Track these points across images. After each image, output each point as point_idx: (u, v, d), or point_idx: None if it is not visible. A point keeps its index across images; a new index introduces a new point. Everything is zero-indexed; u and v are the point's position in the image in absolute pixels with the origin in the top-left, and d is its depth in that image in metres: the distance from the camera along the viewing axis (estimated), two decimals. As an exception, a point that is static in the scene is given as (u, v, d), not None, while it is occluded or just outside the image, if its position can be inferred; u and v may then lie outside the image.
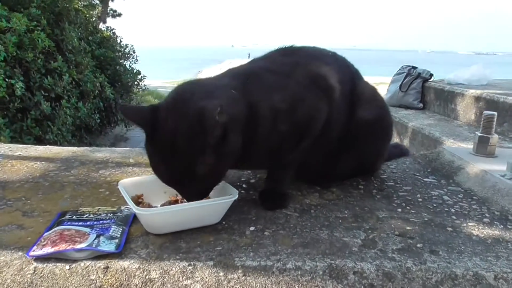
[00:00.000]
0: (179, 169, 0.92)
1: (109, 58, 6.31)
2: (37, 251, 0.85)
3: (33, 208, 1.10)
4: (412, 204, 1.20)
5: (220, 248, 0.91)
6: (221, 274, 0.83)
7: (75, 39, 4.88)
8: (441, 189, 1.32)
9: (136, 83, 7.12)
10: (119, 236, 0.92)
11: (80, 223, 0.97)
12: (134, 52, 7.31)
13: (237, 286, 0.82)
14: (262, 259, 0.87)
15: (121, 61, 6.86)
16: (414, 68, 4.05)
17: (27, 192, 1.20)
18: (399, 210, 1.15)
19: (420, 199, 1.24)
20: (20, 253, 0.87)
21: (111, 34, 7.05)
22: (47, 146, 1.69)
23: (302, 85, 1.13)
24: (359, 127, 1.24)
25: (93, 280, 0.82)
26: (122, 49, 7.11)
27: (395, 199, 1.24)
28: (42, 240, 0.89)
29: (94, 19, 7.77)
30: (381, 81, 6.99)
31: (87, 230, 0.93)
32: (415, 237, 0.99)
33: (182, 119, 0.92)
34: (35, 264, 0.84)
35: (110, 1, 8.66)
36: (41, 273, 0.82)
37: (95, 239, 0.89)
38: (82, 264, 0.84)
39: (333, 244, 0.95)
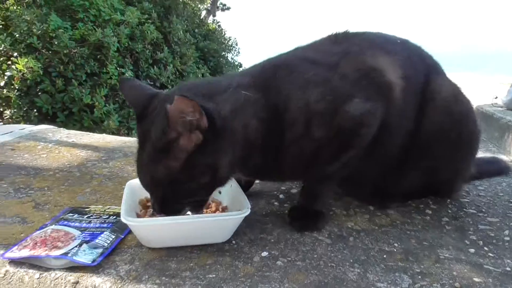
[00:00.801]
0: (145, 162, 0.80)
1: (213, 50, 6.45)
2: (14, 253, 0.77)
3: (48, 200, 1.04)
4: (493, 244, 0.89)
5: (213, 276, 0.74)
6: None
7: (181, 31, 5.06)
8: (543, 227, 0.98)
9: (237, 75, 7.20)
10: (106, 245, 0.81)
11: (76, 224, 0.88)
12: (236, 45, 7.39)
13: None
14: (256, 299, 0.68)
15: (223, 53, 6.98)
16: (544, 66, 3.36)
17: (54, 181, 1.16)
18: (472, 250, 0.86)
19: (507, 238, 0.92)
20: (1, 252, 0.79)
21: (217, 27, 7.20)
22: (103, 134, 1.68)
23: (348, 80, 0.90)
24: (430, 135, 0.97)
25: (60, 295, 0.72)
26: (226, 42, 7.23)
27: (470, 233, 0.94)
28: (28, 240, 0.81)
29: (203, 12, 8.04)
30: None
31: (76, 233, 0.84)
32: (483, 296, 0.71)
33: (160, 113, 0.78)
34: (7, 267, 0.76)
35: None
36: (10, 279, 0.74)
37: (75, 246, 0.78)
38: (53, 275, 0.74)
39: (360, 291, 0.72)
